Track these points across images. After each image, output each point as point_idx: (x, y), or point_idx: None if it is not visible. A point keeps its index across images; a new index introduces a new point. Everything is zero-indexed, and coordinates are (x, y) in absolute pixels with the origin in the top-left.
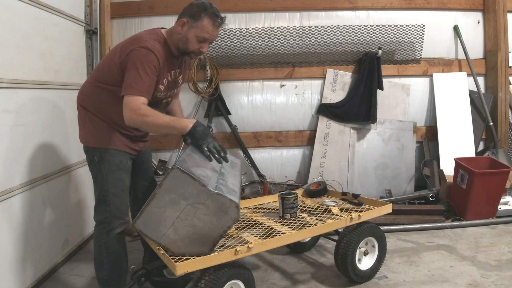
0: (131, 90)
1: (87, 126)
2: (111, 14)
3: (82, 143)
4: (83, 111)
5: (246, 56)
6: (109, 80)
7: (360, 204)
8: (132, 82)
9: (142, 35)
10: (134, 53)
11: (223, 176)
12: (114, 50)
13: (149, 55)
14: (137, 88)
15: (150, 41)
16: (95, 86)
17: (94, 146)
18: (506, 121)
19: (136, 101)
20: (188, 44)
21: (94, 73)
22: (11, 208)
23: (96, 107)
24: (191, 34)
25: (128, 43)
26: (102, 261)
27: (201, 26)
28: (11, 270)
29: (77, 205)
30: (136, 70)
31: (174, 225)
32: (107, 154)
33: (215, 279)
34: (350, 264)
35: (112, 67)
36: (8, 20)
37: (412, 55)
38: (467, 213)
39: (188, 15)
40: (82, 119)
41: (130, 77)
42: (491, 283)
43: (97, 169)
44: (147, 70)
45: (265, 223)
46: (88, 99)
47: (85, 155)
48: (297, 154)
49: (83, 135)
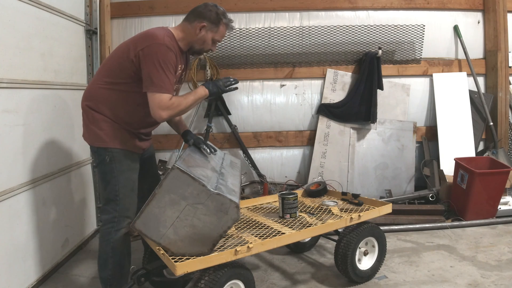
0: (159, 88)
1: (97, 127)
2: (111, 14)
3: (90, 144)
4: (91, 112)
5: (246, 56)
6: (120, 76)
7: (360, 204)
8: (159, 81)
9: (155, 31)
10: (153, 49)
11: (222, 176)
12: (124, 47)
13: (169, 53)
14: (165, 86)
15: (166, 38)
16: (104, 88)
17: (105, 146)
18: (506, 121)
19: (167, 100)
20: (204, 45)
21: (101, 73)
22: (11, 208)
23: (106, 108)
24: (208, 37)
25: (142, 39)
26: (107, 260)
27: (219, 31)
28: (11, 270)
29: (77, 205)
30: (160, 67)
31: (174, 225)
32: (118, 154)
33: (215, 279)
34: (350, 264)
35: (124, 63)
36: (8, 20)
37: (412, 55)
38: (467, 213)
39: (208, 20)
40: (90, 120)
41: (155, 74)
42: (491, 283)
43: (108, 169)
44: (170, 68)
45: (265, 223)
46: (96, 100)
47: (94, 155)
48: (297, 154)
49: (91, 136)
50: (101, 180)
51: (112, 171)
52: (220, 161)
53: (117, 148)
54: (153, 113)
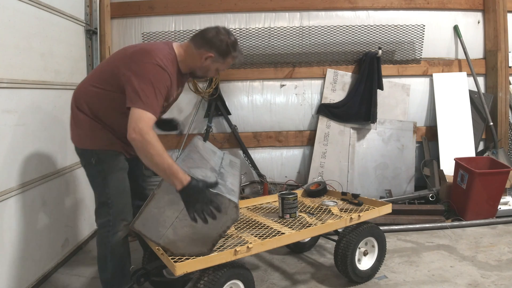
0: (144, 105)
1: (83, 128)
2: (111, 14)
3: (76, 145)
4: (80, 113)
5: (246, 56)
6: (111, 84)
7: (360, 204)
8: (146, 98)
9: (156, 48)
10: (148, 67)
11: (222, 176)
12: (121, 57)
13: (164, 75)
14: (151, 105)
15: (164, 60)
16: (95, 90)
17: (91, 148)
18: (506, 121)
19: (147, 121)
20: (207, 73)
21: (94, 75)
22: (11, 208)
23: (95, 110)
24: (213, 67)
25: (140, 54)
26: (106, 264)
27: (225, 62)
28: (11, 270)
29: (77, 205)
30: (151, 86)
31: (174, 226)
32: (105, 155)
33: (215, 280)
34: (349, 264)
35: (117, 74)
36: (8, 20)
37: (412, 55)
38: (467, 213)
39: (216, 51)
40: (77, 121)
41: (144, 90)
42: (491, 283)
43: (95, 172)
44: (161, 90)
45: (264, 223)
46: (86, 101)
47: (79, 157)
48: (297, 154)
49: (77, 137)
50: (91, 183)
51: (100, 173)
52: (219, 161)
53: (102, 149)
54: (128, 127)
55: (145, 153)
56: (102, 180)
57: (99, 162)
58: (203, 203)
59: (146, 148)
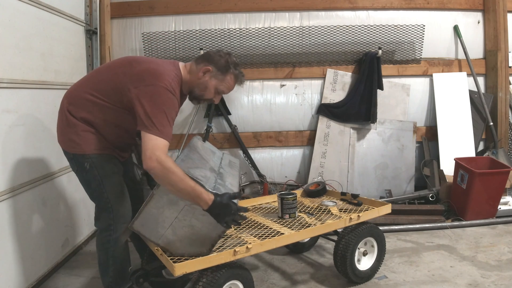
0: (159, 132)
1: (73, 132)
2: (111, 14)
3: (66, 149)
4: (71, 119)
5: (246, 56)
6: (111, 97)
7: (359, 205)
8: (160, 125)
9: (163, 70)
10: (159, 91)
11: (221, 176)
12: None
13: (174, 101)
14: (166, 132)
15: (173, 83)
16: (92, 99)
17: (84, 153)
18: (506, 121)
19: (163, 148)
20: (205, 92)
21: (91, 82)
22: (11, 208)
23: (89, 119)
24: (211, 84)
25: (149, 75)
26: (108, 267)
27: (225, 80)
28: (11, 270)
29: (77, 205)
30: (164, 112)
31: (173, 226)
32: (98, 159)
33: (214, 280)
34: (349, 264)
35: (120, 90)
36: (8, 20)
37: (412, 55)
38: (467, 213)
39: (215, 65)
40: (68, 124)
41: (157, 116)
42: (491, 283)
43: (90, 177)
44: (172, 115)
45: (264, 224)
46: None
47: (69, 162)
48: (297, 154)
49: (68, 141)
50: (87, 188)
51: (95, 178)
52: (218, 161)
53: (95, 153)
54: (144, 156)
55: (167, 180)
56: (98, 185)
57: (94, 167)
58: (231, 215)
59: (168, 176)
